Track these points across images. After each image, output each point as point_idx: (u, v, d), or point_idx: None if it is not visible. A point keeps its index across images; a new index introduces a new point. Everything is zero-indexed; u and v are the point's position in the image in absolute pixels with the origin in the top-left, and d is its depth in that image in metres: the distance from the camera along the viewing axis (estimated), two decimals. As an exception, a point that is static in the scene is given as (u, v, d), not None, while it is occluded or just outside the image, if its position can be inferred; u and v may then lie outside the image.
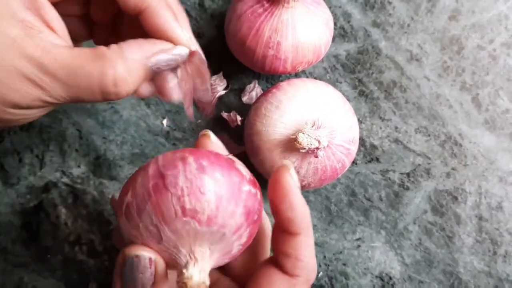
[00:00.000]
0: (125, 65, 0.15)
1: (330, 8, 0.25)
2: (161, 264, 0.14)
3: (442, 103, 0.27)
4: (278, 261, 0.15)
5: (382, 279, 0.27)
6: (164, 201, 0.13)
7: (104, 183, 0.27)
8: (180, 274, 0.13)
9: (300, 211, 0.15)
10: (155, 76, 0.16)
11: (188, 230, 0.13)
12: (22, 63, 0.14)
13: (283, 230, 0.15)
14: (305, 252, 0.15)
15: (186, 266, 0.13)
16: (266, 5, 0.23)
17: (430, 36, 0.27)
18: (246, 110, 0.27)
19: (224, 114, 0.27)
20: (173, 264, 0.14)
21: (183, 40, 0.16)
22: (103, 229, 0.27)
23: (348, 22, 0.27)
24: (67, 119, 0.27)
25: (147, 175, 0.14)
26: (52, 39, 0.14)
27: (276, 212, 0.15)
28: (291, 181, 0.15)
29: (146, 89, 0.17)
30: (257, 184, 0.15)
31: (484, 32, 0.27)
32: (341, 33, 0.27)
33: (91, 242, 0.27)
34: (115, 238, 0.20)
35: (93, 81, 0.14)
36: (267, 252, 0.18)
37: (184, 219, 0.13)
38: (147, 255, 0.13)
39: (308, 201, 0.27)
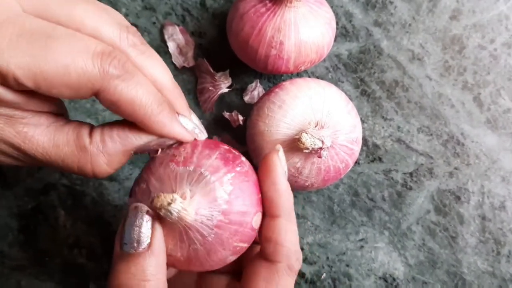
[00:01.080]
0: (106, 159, 0.15)
1: (331, 7, 0.25)
2: (158, 227, 0.14)
3: (444, 102, 0.27)
4: (261, 250, 0.16)
5: (385, 280, 0.27)
6: (152, 160, 0.16)
7: (103, 185, 0.26)
8: (159, 205, 0.14)
9: (281, 192, 0.15)
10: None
11: (169, 173, 0.15)
12: (2, 146, 0.14)
13: (266, 214, 0.16)
14: (285, 236, 0.15)
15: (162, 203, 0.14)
16: (269, 4, 0.23)
17: (432, 35, 0.27)
18: (248, 109, 0.27)
19: (226, 114, 0.27)
20: (160, 207, 0.14)
21: (183, 137, 0.16)
22: (103, 231, 0.26)
23: (350, 21, 0.27)
24: (66, 120, 0.27)
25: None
26: (34, 121, 0.14)
27: (262, 193, 0.16)
28: (276, 162, 0.15)
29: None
30: (243, 157, 0.17)
31: (485, 32, 0.27)
32: (343, 33, 0.27)
33: (91, 245, 0.26)
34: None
35: (73, 170, 0.15)
36: None
37: (165, 164, 0.15)
38: (145, 207, 0.14)
39: (311, 202, 0.27)
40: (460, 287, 0.27)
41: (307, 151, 0.21)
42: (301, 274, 0.27)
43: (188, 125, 0.16)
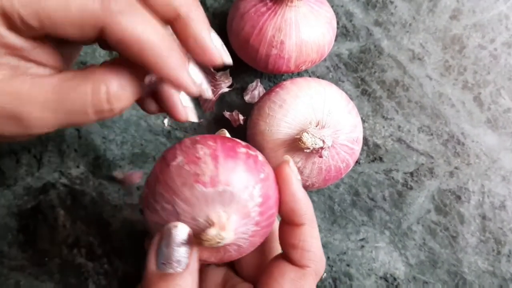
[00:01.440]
0: (117, 80, 0.14)
1: (332, 7, 0.25)
2: (196, 251, 0.14)
3: (444, 102, 0.27)
4: (286, 255, 0.16)
5: (386, 280, 0.27)
6: (169, 175, 0.14)
7: (103, 184, 0.26)
8: (202, 240, 0.14)
9: (302, 202, 0.15)
10: (154, 91, 0.15)
11: (197, 195, 0.14)
12: (6, 99, 0.13)
13: (288, 222, 0.16)
14: (311, 242, 0.15)
15: (205, 231, 0.14)
16: (270, 4, 0.23)
17: (432, 35, 0.27)
18: (248, 109, 0.26)
19: (226, 113, 0.27)
20: (199, 237, 0.14)
21: (190, 89, 0.15)
22: (102, 231, 0.26)
23: (350, 21, 0.27)
24: (65, 119, 0.26)
25: (154, 167, 0.15)
26: (40, 71, 0.14)
27: (280, 205, 0.16)
28: (291, 174, 0.15)
29: (152, 106, 0.16)
30: (256, 152, 0.16)
31: (485, 32, 0.27)
32: (344, 32, 0.27)
33: (90, 244, 0.26)
34: (147, 243, 0.20)
35: (86, 99, 0.13)
36: (277, 252, 0.18)
37: (189, 185, 0.14)
38: (185, 228, 0.14)
39: (312, 201, 0.27)
40: (460, 286, 0.27)
41: (308, 150, 0.21)
42: (301, 274, 0.27)
43: (197, 78, 0.15)
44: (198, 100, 0.27)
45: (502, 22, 0.27)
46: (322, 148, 0.21)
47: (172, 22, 0.15)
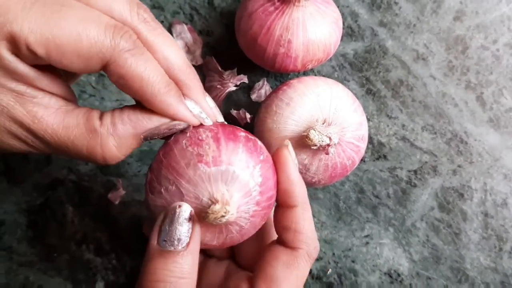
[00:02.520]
0: (116, 142, 0.14)
1: (337, 7, 0.25)
2: (197, 228, 0.15)
3: (447, 101, 0.28)
4: (280, 238, 0.16)
5: (390, 276, 0.27)
6: (173, 158, 0.15)
7: (111, 181, 0.27)
8: (206, 214, 0.14)
9: (296, 184, 0.16)
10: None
11: (200, 175, 0.14)
12: (12, 126, 0.14)
13: (282, 204, 0.16)
14: (303, 224, 0.16)
15: (209, 207, 0.14)
16: (277, 3, 0.23)
17: (436, 36, 0.28)
18: (255, 107, 0.27)
19: (233, 112, 0.27)
20: (202, 216, 0.15)
21: (188, 120, 0.16)
22: (111, 227, 0.26)
23: (356, 21, 0.28)
24: (75, 116, 0.27)
25: (157, 153, 0.16)
26: (45, 102, 0.14)
27: (277, 187, 0.16)
28: (288, 156, 0.16)
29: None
30: (255, 137, 0.17)
31: (487, 33, 0.28)
32: (349, 32, 0.28)
33: (98, 240, 0.26)
34: (145, 228, 0.21)
35: (82, 153, 0.14)
36: (273, 239, 0.18)
37: (193, 165, 0.14)
38: (188, 208, 0.14)
39: (317, 198, 0.27)
40: (463, 282, 0.27)
41: (314, 147, 0.21)
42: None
43: (194, 109, 0.16)
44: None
45: (504, 23, 0.28)
46: (328, 145, 0.21)
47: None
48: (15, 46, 0.13)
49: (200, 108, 0.16)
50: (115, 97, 0.27)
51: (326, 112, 0.22)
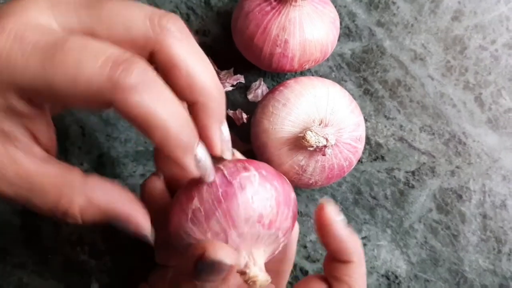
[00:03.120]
0: (84, 203, 0.14)
1: (335, 7, 0.25)
2: (235, 267, 0.14)
3: (446, 102, 0.28)
4: (330, 284, 0.16)
5: (388, 278, 0.27)
6: (234, 207, 0.14)
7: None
8: (243, 273, 0.14)
9: (348, 241, 0.16)
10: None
11: (253, 233, 0.15)
12: None
13: (334, 259, 0.16)
14: (356, 279, 0.16)
15: (247, 266, 0.14)
16: (274, 3, 0.23)
17: (434, 36, 0.28)
18: (251, 108, 0.27)
19: (230, 112, 0.27)
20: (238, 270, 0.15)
21: (216, 149, 0.15)
22: (106, 228, 0.26)
23: (353, 21, 0.28)
24: (70, 116, 0.27)
25: (213, 184, 0.15)
26: (27, 148, 0.14)
27: (326, 245, 0.16)
28: (329, 215, 0.16)
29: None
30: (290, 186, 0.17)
31: (486, 33, 0.28)
32: (346, 32, 0.28)
33: (93, 242, 0.26)
34: (159, 255, 0.19)
35: (44, 200, 0.13)
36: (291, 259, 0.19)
37: (251, 223, 0.14)
38: (228, 262, 0.13)
39: (314, 200, 0.27)
40: (461, 285, 0.27)
41: (311, 149, 0.21)
42: (304, 272, 0.27)
43: (226, 136, 0.15)
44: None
45: (503, 24, 0.28)
46: (325, 146, 0.21)
47: (188, 104, 0.14)
48: (24, 94, 0.13)
49: (209, 160, 0.14)
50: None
51: (323, 113, 0.22)
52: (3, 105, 0.13)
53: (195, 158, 0.14)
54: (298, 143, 0.22)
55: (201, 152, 0.14)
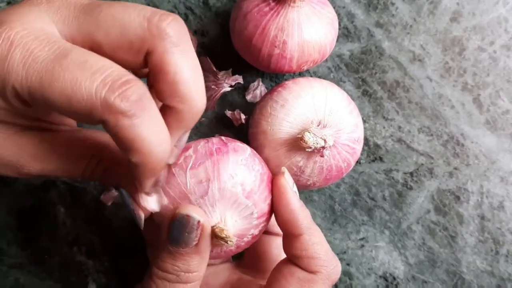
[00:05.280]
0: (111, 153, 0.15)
1: (334, 8, 0.25)
2: (207, 229, 0.15)
3: (444, 103, 0.28)
4: (296, 262, 0.16)
5: (386, 279, 0.27)
6: (224, 161, 0.15)
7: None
8: (212, 230, 0.15)
9: (297, 213, 0.16)
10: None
11: (231, 194, 0.15)
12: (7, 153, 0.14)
13: (287, 234, 0.16)
14: (314, 249, 0.16)
15: (217, 225, 0.15)
16: (272, 4, 0.23)
17: (432, 37, 0.28)
18: (250, 108, 0.27)
19: (228, 113, 0.27)
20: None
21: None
22: (103, 229, 0.26)
23: (352, 22, 0.27)
24: (67, 117, 0.26)
25: (210, 141, 0.16)
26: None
27: (276, 216, 0.16)
28: (286, 185, 0.16)
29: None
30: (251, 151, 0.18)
31: (484, 34, 0.28)
32: (345, 33, 0.27)
33: (91, 242, 0.26)
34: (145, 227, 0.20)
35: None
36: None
37: (235, 182, 0.15)
38: (196, 217, 0.14)
39: (312, 201, 0.27)
40: (459, 286, 0.27)
41: (309, 150, 0.21)
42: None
43: (182, 144, 0.15)
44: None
45: (501, 25, 0.28)
46: (323, 147, 0.21)
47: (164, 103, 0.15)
48: (19, 96, 0.13)
49: (183, 143, 0.15)
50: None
51: (321, 114, 0.22)
52: (2, 105, 0.13)
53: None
54: (296, 144, 0.22)
55: (186, 135, 0.15)
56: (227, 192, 0.15)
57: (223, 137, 0.17)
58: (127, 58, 0.13)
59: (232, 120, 0.27)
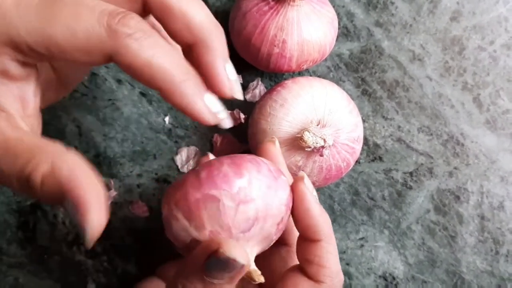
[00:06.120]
0: (47, 170, 0.12)
1: (333, 7, 0.25)
2: (247, 270, 0.14)
3: (444, 102, 0.28)
4: (302, 268, 0.16)
5: (385, 279, 0.27)
6: (273, 203, 0.15)
7: (103, 182, 0.26)
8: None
9: (318, 218, 0.15)
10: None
11: (269, 232, 0.15)
12: None
13: (304, 238, 0.16)
14: (327, 258, 0.15)
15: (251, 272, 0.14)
16: (272, 3, 0.23)
17: (432, 36, 0.28)
18: (249, 107, 0.27)
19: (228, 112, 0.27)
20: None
21: (196, 114, 0.14)
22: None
23: (352, 21, 0.27)
24: (66, 116, 0.26)
25: (261, 172, 0.14)
26: (12, 120, 0.13)
27: (296, 221, 0.16)
28: (305, 190, 0.15)
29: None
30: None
31: (484, 34, 0.28)
32: (344, 33, 0.27)
33: (90, 242, 0.26)
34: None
35: (16, 164, 0.12)
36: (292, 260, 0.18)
37: (273, 223, 0.14)
38: (241, 262, 0.13)
39: (311, 201, 0.27)
40: (459, 286, 0.27)
41: (309, 149, 0.21)
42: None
43: (214, 106, 0.14)
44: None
45: (501, 24, 0.28)
46: (323, 147, 0.21)
47: (189, 47, 0.14)
48: (18, 49, 0.12)
49: (220, 105, 0.14)
50: (108, 96, 0.27)
51: (320, 113, 0.22)
52: (6, 70, 0.13)
53: (207, 105, 0.14)
54: (296, 143, 0.22)
55: (210, 98, 0.14)
56: (266, 232, 0.15)
57: (271, 166, 0.15)
58: (87, 58, 0.13)
59: (232, 120, 0.27)
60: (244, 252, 0.13)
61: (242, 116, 0.27)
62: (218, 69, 0.14)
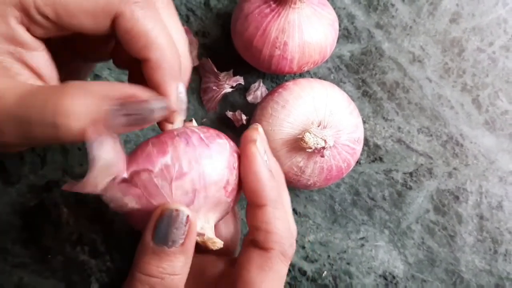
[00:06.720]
0: (84, 97, 0.12)
1: (334, 9, 0.25)
2: (195, 225, 0.14)
3: (443, 104, 0.28)
4: (253, 237, 0.15)
5: (385, 278, 0.27)
6: (209, 169, 0.14)
7: (107, 182, 0.26)
8: (200, 235, 0.15)
9: (264, 182, 0.15)
10: (113, 125, 0.13)
11: (216, 199, 0.15)
12: None
13: (251, 203, 0.15)
14: (275, 224, 0.15)
15: (203, 229, 0.15)
16: (273, 5, 0.23)
17: (432, 38, 0.28)
18: (251, 109, 0.27)
19: (229, 113, 0.27)
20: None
21: (168, 97, 0.14)
22: (106, 228, 0.26)
23: (352, 23, 0.28)
24: (70, 117, 0.27)
25: (190, 143, 0.14)
26: (25, 79, 0.13)
27: (244, 186, 0.15)
28: (254, 152, 0.15)
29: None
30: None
31: (484, 35, 0.28)
32: (345, 34, 0.28)
33: (93, 242, 0.26)
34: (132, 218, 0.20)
35: (47, 108, 0.12)
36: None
37: (220, 187, 0.14)
38: (186, 212, 0.14)
39: (313, 200, 0.27)
40: (458, 285, 0.27)
41: (310, 150, 0.21)
42: (302, 272, 0.27)
43: (182, 96, 0.15)
44: (201, 99, 0.27)
45: (500, 26, 0.28)
46: (324, 148, 0.21)
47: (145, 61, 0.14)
48: (27, 12, 0.13)
49: (184, 95, 0.15)
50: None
51: (321, 115, 0.22)
52: (4, 32, 0.13)
53: (178, 91, 0.15)
54: (297, 144, 0.22)
55: (181, 86, 0.15)
56: (213, 198, 0.15)
57: (199, 132, 0.15)
58: (92, 23, 0.14)
59: (233, 121, 0.27)
60: (189, 210, 0.14)
61: (244, 117, 0.27)
62: (169, 89, 0.15)
